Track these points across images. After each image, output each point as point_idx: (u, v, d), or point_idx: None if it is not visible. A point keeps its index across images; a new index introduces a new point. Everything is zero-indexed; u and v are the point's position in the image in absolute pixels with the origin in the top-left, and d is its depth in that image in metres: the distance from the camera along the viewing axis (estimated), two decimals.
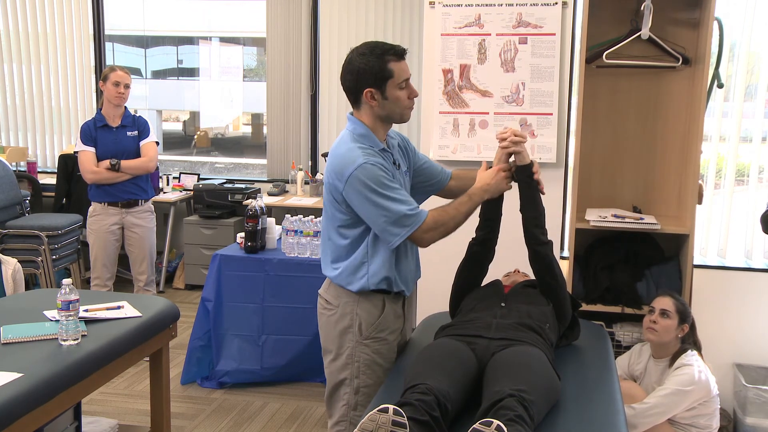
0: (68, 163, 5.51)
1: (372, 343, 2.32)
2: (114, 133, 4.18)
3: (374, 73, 2.20)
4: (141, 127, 4.26)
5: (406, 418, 1.63)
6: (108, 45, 6.69)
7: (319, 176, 5.98)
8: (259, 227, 4.02)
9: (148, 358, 2.84)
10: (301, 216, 4.04)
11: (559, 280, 2.42)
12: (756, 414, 3.37)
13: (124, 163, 4.14)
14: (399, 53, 2.24)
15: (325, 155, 5.69)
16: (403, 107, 2.27)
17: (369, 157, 2.18)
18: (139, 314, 2.64)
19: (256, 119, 12.48)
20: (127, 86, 4.14)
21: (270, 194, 5.93)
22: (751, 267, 3.73)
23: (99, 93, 4.38)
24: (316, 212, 5.04)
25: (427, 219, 2.21)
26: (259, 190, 6.02)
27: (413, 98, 2.30)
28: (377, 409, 1.64)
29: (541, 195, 2.41)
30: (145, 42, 11.81)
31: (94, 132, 4.15)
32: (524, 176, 2.38)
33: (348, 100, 2.31)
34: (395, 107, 2.25)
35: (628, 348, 3.20)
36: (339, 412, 2.38)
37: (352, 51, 2.26)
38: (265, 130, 6.47)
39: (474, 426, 1.58)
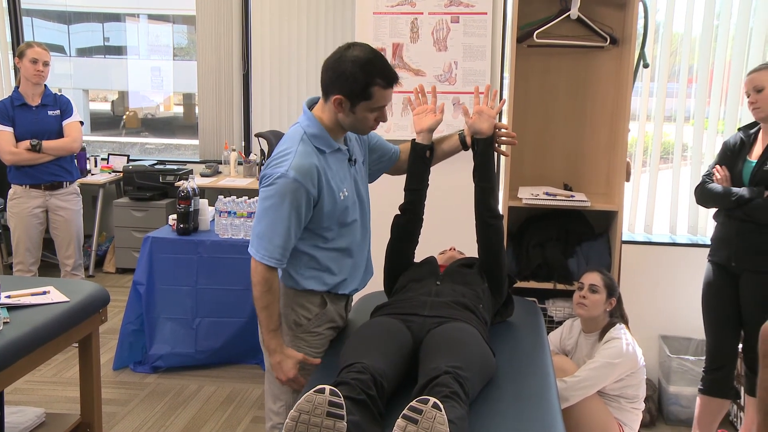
0: None
1: (308, 337, 2.28)
2: (34, 113, 4.02)
3: (353, 87, 2.06)
4: (63, 106, 4.11)
5: (342, 399, 1.63)
6: (26, 20, 6.40)
7: (252, 157, 5.89)
8: (191, 209, 3.95)
9: (77, 344, 2.76)
10: (235, 197, 3.98)
11: (504, 253, 2.45)
12: (678, 382, 3.51)
13: (46, 143, 3.99)
14: (390, 81, 2.10)
15: (258, 135, 5.61)
16: (365, 126, 2.18)
17: (297, 173, 2.05)
18: (67, 299, 2.55)
19: (187, 99, 12.19)
20: (46, 63, 3.98)
21: (202, 175, 5.83)
22: (676, 242, 3.86)
23: (16, 70, 4.19)
24: (249, 193, 4.98)
25: (269, 270, 2.10)
26: (191, 171, 5.91)
27: (379, 122, 2.19)
28: (314, 390, 1.63)
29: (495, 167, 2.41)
30: (67, 18, 11.34)
31: (11, 111, 3.98)
32: (483, 148, 2.37)
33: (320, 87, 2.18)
34: (357, 124, 2.16)
35: (560, 323, 3.27)
36: (278, 413, 2.32)
37: (350, 47, 2.09)
38: (197, 110, 6.34)
39: (411, 404, 1.59)
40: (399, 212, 2.46)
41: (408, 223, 2.47)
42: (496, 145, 2.42)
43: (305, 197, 2.09)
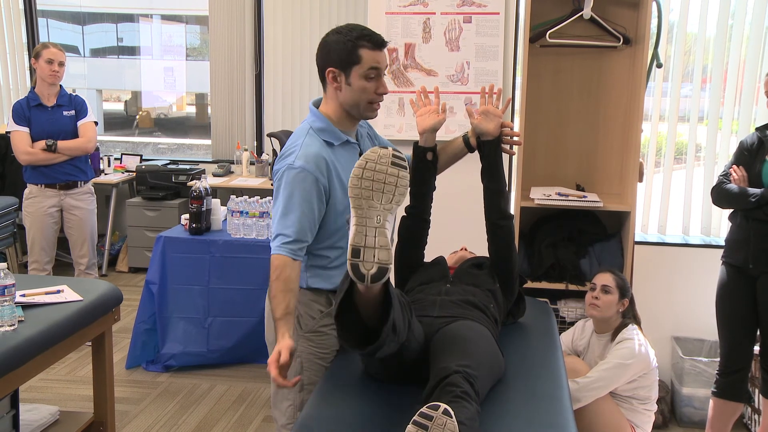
0: (0, 144, 5.32)
1: (314, 337, 2.24)
2: (50, 113, 4.05)
3: (340, 53, 2.09)
4: (78, 106, 4.14)
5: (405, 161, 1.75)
6: (41, 21, 6.45)
7: (264, 156, 5.91)
8: (203, 208, 3.96)
9: (90, 343, 2.77)
10: (247, 197, 3.99)
11: (515, 254, 2.43)
12: (692, 384, 3.49)
13: (61, 143, 4.02)
14: (376, 42, 2.11)
15: (270, 135, 5.63)
16: (366, 100, 2.14)
17: (305, 162, 2.07)
18: (80, 298, 2.57)
19: (200, 99, 12.24)
20: (61, 64, 4.01)
21: (215, 175, 5.85)
22: (689, 243, 3.83)
23: (32, 71, 4.22)
24: (261, 193, 5.00)
25: (280, 259, 2.07)
26: (203, 171, 5.93)
27: (381, 94, 2.16)
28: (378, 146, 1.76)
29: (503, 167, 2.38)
30: (82, 18, 11.41)
31: (27, 111, 4.01)
32: (490, 149, 2.34)
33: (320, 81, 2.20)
34: (357, 97, 2.13)
35: (572, 324, 3.26)
36: (285, 414, 2.28)
37: (331, 31, 2.15)
38: (209, 110, 6.37)
39: (421, 410, 1.58)
40: (405, 214, 2.46)
41: (413, 225, 2.45)
42: (502, 144, 2.38)
43: (315, 186, 2.08)
